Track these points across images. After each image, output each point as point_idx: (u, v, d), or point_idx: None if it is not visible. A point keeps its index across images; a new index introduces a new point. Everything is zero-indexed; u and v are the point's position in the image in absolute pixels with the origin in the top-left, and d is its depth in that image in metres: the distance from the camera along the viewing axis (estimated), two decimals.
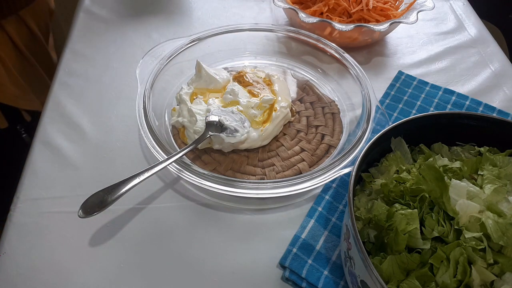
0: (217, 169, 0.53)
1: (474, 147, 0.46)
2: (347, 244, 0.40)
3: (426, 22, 0.80)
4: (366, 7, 0.69)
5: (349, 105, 0.62)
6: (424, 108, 0.64)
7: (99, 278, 0.45)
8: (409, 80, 0.68)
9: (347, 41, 0.70)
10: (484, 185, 0.39)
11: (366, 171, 0.46)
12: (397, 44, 0.76)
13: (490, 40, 0.77)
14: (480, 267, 0.35)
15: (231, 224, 0.50)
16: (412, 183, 0.40)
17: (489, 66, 0.71)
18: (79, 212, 0.43)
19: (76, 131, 0.58)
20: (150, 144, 0.50)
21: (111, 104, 0.62)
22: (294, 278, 0.44)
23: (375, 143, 0.44)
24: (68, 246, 0.47)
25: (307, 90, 0.65)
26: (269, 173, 0.54)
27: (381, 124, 0.54)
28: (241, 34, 0.66)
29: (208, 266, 0.46)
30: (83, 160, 0.55)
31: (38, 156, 0.54)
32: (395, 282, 0.36)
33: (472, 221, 0.37)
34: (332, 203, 0.51)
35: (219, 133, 0.53)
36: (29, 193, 0.51)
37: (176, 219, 0.50)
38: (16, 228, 0.48)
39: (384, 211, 0.39)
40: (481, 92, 0.67)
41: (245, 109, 0.56)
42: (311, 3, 0.72)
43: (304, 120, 0.60)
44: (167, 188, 0.53)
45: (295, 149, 0.56)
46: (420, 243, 0.37)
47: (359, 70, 0.60)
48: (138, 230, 0.49)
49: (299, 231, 0.48)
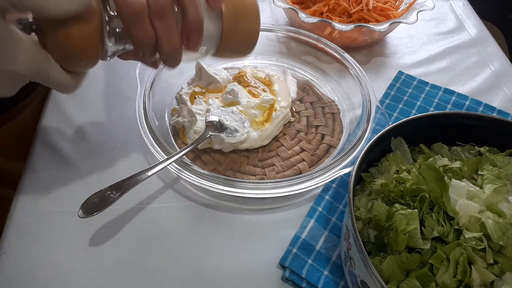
0: (217, 169, 0.53)
1: (474, 147, 0.46)
2: (347, 244, 0.40)
3: (426, 22, 0.80)
4: (366, 7, 0.69)
5: (349, 105, 0.62)
6: (424, 108, 0.64)
7: (99, 278, 0.45)
8: (409, 80, 0.68)
9: (347, 41, 0.70)
10: (484, 185, 0.40)
11: (366, 171, 0.46)
12: (397, 44, 0.76)
13: (490, 40, 0.77)
14: (480, 267, 0.35)
15: (231, 224, 0.50)
16: (412, 183, 0.40)
17: (489, 66, 0.71)
18: (79, 212, 0.43)
19: (76, 131, 0.58)
20: (150, 144, 0.50)
21: (111, 104, 0.62)
22: (294, 278, 0.44)
23: (375, 143, 0.44)
24: (68, 246, 0.47)
25: (307, 90, 0.65)
26: (269, 173, 0.54)
27: (381, 124, 0.54)
28: None
29: (208, 266, 0.46)
30: (83, 160, 0.55)
31: (38, 156, 0.54)
32: (395, 282, 0.36)
33: (472, 221, 0.37)
34: (332, 203, 0.51)
35: (219, 133, 0.53)
36: (29, 193, 0.51)
37: (176, 219, 0.50)
38: (16, 228, 0.48)
39: (384, 211, 0.39)
40: (481, 92, 0.67)
41: (245, 109, 0.56)
42: (311, 3, 0.72)
43: (304, 120, 0.60)
44: (167, 188, 0.53)
45: (295, 149, 0.56)
46: (420, 243, 0.37)
47: (359, 70, 0.60)
48: (138, 230, 0.49)
49: (299, 231, 0.48)
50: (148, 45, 0.38)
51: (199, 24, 0.39)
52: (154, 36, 0.38)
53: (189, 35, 0.40)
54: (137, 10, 0.35)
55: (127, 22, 0.36)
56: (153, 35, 0.38)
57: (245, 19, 0.43)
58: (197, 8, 0.38)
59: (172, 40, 0.39)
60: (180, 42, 0.40)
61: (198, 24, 0.39)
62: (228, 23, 0.42)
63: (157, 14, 0.36)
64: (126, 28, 0.37)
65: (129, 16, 0.36)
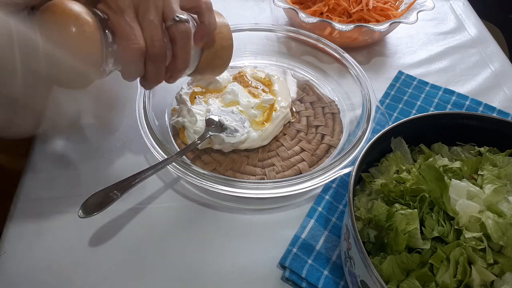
0: (217, 169, 0.53)
1: (474, 147, 0.46)
2: (347, 244, 0.40)
3: (426, 22, 0.80)
4: (366, 7, 0.69)
5: (349, 105, 0.62)
6: (424, 108, 0.64)
7: (99, 278, 0.45)
8: (409, 80, 0.68)
9: (347, 41, 0.70)
10: (484, 185, 0.40)
11: (366, 171, 0.46)
12: (397, 44, 0.76)
13: (490, 40, 0.77)
14: (480, 267, 0.35)
15: (231, 224, 0.50)
16: (412, 183, 0.40)
17: (489, 66, 0.71)
18: (79, 212, 0.43)
19: (76, 131, 0.58)
20: (150, 144, 0.50)
21: (111, 104, 0.62)
22: (294, 278, 0.44)
23: (375, 143, 0.44)
24: (68, 246, 0.47)
25: (307, 90, 0.65)
26: (269, 173, 0.54)
27: (381, 124, 0.54)
28: (241, 34, 0.66)
29: (208, 266, 0.46)
30: (83, 160, 0.55)
31: (38, 156, 0.54)
32: (395, 282, 0.36)
33: (472, 221, 0.37)
34: (332, 203, 0.51)
35: (219, 133, 0.53)
36: (29, 193, 0.51)
37: (176, 219, 0.50)
38: (16, 228, 0.48)
39: (384, 211, 0.39)
40: (481, 92, 0.67)
41: (245, 109, 0.56)
42: (311, 3, 0.72)
43: (304, 120, 0.60)
44: (167, 188, 0.53)
45: (295, 149, 0.56)
46: (420, 243, 0.37)
47: (359, 70, 0.60)
48: (138, 230, 0.49)
49: (299, 231, 0.48)
50: (135, 78, 0.43)
51: (184, 69, 0.45)
52: (143, 73, 0.42)
53: (172, 74, 0.45)
54: (135, 55, 0.39)
55: (124, 63, 0.40)
56: (142, 72, 0.42)
57: (220, 58, 0.51)
58: (187, 57, 0.43)
59: (157, 78, 0.44)
60: (163, 78, 0.45)
61: (184, 69, 0.45)
62: (205, 60, 0.49)
63: (151, 57, 0.41)
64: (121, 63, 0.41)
65: (129, 59, 0.40)
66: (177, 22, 0.40)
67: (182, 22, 0.41)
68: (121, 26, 0.38)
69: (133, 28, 0.39)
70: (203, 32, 0.44)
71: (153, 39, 0.39)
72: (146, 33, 0.39)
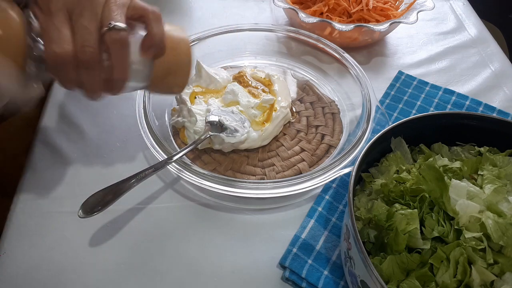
0: (217, 169, 0.53)
1: (474, 147, 0.46)
2: (347, 244, 0.40)
3: (426, 22, 0.80)
4: (366, 7, 0.69)
5: (349, 105, 0.62)
6: (424, 108, 0.64)
7: (99, 278, 0.45)
8: (409, 80, 0.68)
9: (347, 41, 0.70)
10: (484, 185, 0.40)
11: (366, 171, 0.46)
12: (397, 44, 0.76)
13: (490, 40, 0.77)
14: (480, 267, 0.35)
15: (231, 224, 0.50)
16: (412, 183, 0.40)
17: (489, 66, 0.71)
18: (79, 212, 0.43)
19: (76, 131, 0.58)
20: (150, 144, 0.50)
21: (111, 104, 0.62)
22: (294, 278, 0.44)
23: (375, 143, 0.44)
24: (68, 246, 0.47)
25: (307, 90, 0.65)
26: (269, 173, 0.54)
27: (381, 124, 0.54)
28: (241, 34, 0.66)
29: (208, 266, 0.46)
30: (83, 160, 0.55)
31: (38, 156, 0.54)
32: (395, 282, 0.36)
33: (472, 221, 0.37)
34: (332, 203, 0.51)
35: (219, 133, 0.53)
36: (29, 193, 0.51)
37: (176, 219, 0.50)
38: (16, 228, 0.48)
39: (384, 211, 0.39)
40: (481, 92, 0.67)
41: (245, 109, 0.56)
42: (311, 3, 0.72)
43: (304, 120, 0.60)
44: (167, 188, 0.53)
45: (295, 149, 0.56)
46: (420, 243, 0.37)
47: (359, 70, 0.60)
48: (138, 230, 0.49)
49: (299, 231, 0.48)
50: (70, 87, 0.41)
51: (123, 79, 0.41)
52: (76, 81, 0.40)
53: (111, 85, 0.42)
54: (61, 60, 0.37)
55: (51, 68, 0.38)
56: (75, 79, 0.39)
57: (175, 73, 0.45)
58: (123, 66, 0.41)
59: (93, 88, 0.41)
60: (101, 88, 0.42)
61: (123, 79, 0.41)
62: (161, 74, 0.44)
63: (82, 64, 0.38)
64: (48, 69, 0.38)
65: (54, 63, 0.37)
66: (110, 30, 0.38)
67: (116, 29, 0.38)
68: (48, 29, 0.37)
69: (60, 32, 0.37)
70: (149, 43, 0.42)
71: (84, 45, 0.37)
72: (77, 38, 0.37)
